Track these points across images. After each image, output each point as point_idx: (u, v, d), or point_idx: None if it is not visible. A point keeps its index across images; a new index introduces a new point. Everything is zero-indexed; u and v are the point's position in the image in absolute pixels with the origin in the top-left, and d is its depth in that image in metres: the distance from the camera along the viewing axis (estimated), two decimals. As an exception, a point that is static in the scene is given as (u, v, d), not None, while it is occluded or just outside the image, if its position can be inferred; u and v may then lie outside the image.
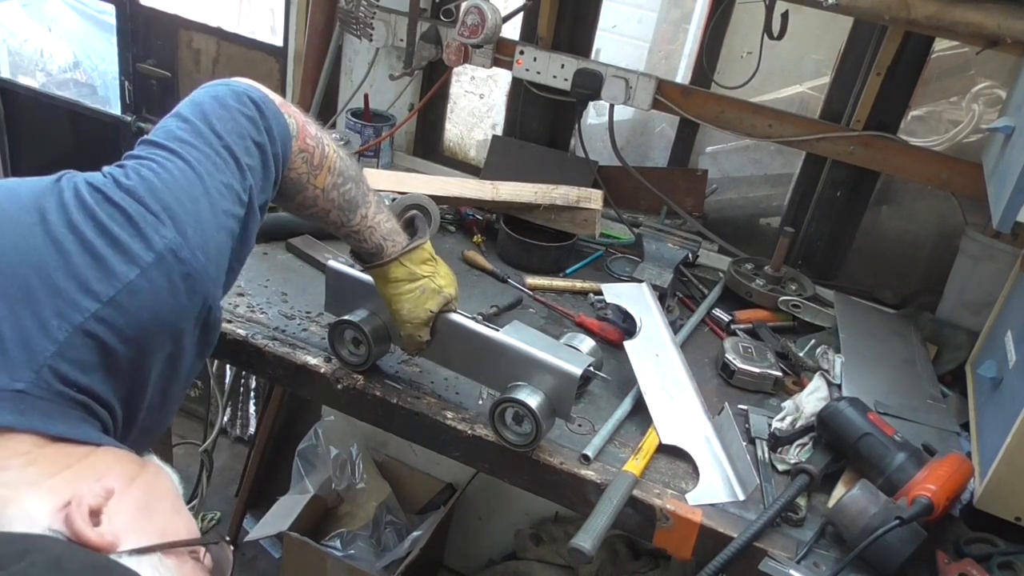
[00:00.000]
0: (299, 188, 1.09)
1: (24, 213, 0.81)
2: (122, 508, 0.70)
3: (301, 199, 1.11)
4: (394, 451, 2.56)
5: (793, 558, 1.17)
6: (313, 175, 1.09)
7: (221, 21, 2.62)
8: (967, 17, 1.46)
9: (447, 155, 2.47)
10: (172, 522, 0.75)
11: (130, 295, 0.80)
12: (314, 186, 1.10)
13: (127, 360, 0.82)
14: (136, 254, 0.81)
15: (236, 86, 0.99)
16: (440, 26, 2.08)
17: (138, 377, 0.85)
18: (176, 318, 0.85)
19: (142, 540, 0.70)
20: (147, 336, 0.83)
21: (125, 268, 0.80)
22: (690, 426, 1.37)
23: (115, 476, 0.73)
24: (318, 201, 1.12)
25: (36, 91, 3.03)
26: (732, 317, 1.74)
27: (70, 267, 0.78)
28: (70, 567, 0.62)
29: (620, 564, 2.23)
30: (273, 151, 0.99)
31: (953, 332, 1.75)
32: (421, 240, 1.25)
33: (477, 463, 1.35)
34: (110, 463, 0.76)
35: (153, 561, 0.70)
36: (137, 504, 0.73)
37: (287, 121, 1.03)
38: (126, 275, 0.80)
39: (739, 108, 1.92)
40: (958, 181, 1.78)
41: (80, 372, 0.78)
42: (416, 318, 1.26)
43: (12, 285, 0.77)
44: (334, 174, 1.12)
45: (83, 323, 0.77)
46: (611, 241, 2.03)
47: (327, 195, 1.13)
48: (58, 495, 0.68)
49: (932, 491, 1.18)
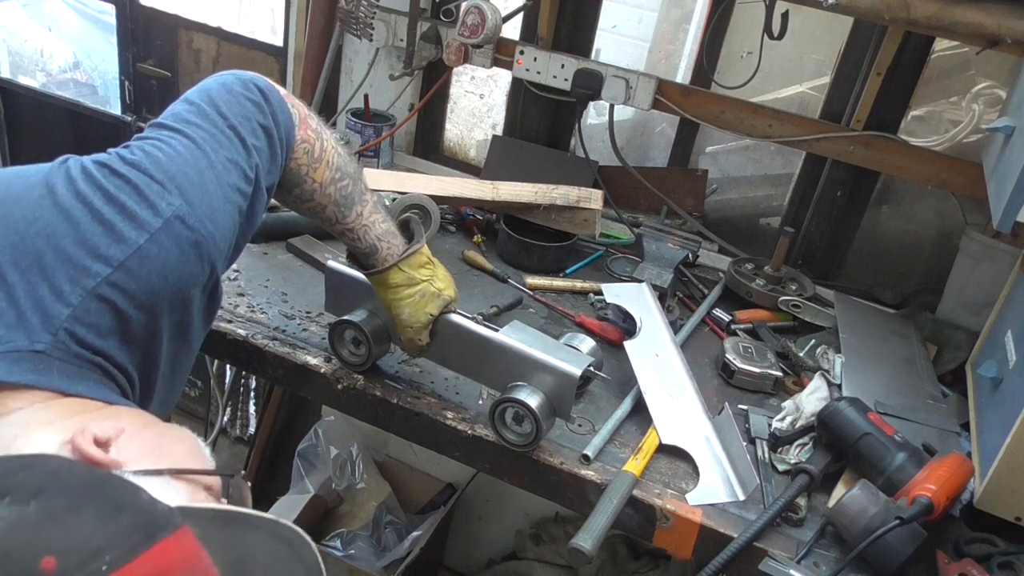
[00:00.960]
0: (298, 180, 1.10)
1: (32, 189, 0.83)
2: (132, 444, 0.71)
3: (299, 192, 1.11)
4: (394, 451, 2.56)
5: (793, 558, 1.17)
6: (313, 167, 1.10)
7: (221, 21, 2.62)
8: (967, 17, 1.46)
9: (447, 155, 2.47)
10: (186, 458, 0.75)
11: (140, 259, 0.82)
12: (313, 179, 1.11)
13: (140, 325, 0.84)
14: (144, 220, 0.83)
15: (242, 74, 1.01)
16: (440, 26, 2.08)
17: (151, 345, 0.87)
18: (185, 284, 0.88)
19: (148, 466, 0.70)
20: (158, 301, 0.85)
21: (134, 234, 0.82)
22: (690, 426, 1.37)
23: (128, 420, 0.74)
24: (315, 195, 1.13)
25: (36, 91, 3.03)
26: (732, 317, 1.74)
27: (80, 234, 0.80)
28: (66, 479, 0.62)
29: (620, 564, 2.23)
30: (279, 135, 1.01)
31: (953, 332, 1.75)
32: (418, 244, 1.24)
33: (477, 463, 1.35)
34: (123, 413, 0.77)
35: (161, 482, 0.69)
36: (149, 443, 0.73)
37: (291, 110, 1.05)
38: (135, 240, 0.82)
39: (739, 108, 1.92)
40: (958, 181, 1.78)
41: (96, 336, 0.80)
42: (416, 322, 1.26)
43: (24, 254, 0.79)
44: (332, 169, 1.13)
45: (95, 287, 0.80)
46: (611, 241, 2.03)
47: (324, 189, 1.13)
48: (68, 432, 0.69)
49: (932, 491, 1.18)
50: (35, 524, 0.57)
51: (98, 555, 0.56)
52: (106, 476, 0.66)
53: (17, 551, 0.55)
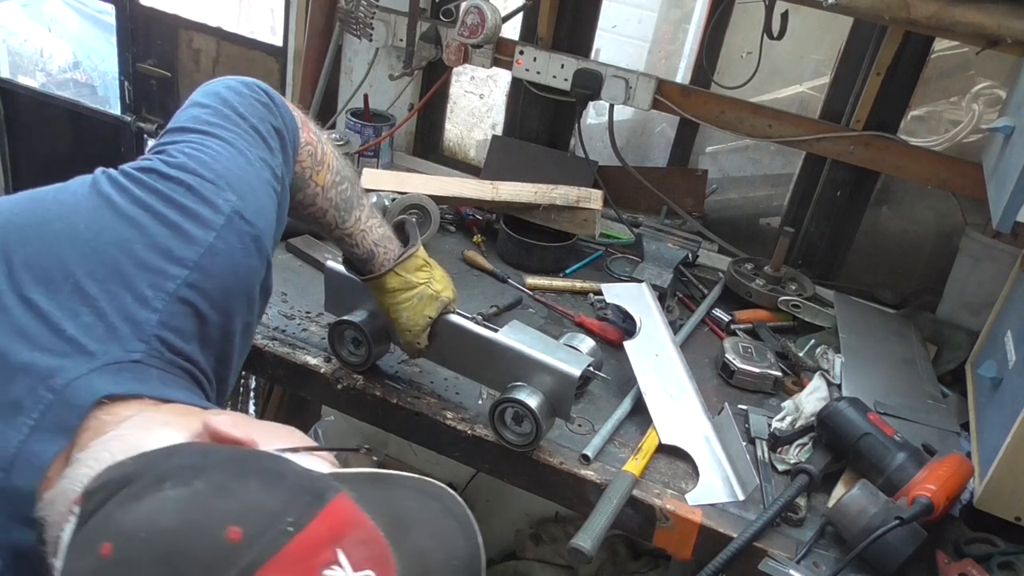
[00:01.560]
0: (301, 184, 1.09)
1: (84, 200, 0.82)
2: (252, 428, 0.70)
3: (301, 196, 1.11)
4: (394, 451, 2.56)
5: (793, 558, 1.17)
6: (315, 171, 1.09)
7: (221, 21, 2.62)
8: (967, 17, 1.46)
9: (447, 155, 2.47)
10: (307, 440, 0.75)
11: (211, 257, 0.82)
12: (315, 183, 1.10)
13: (216, 327, 0.84)
14: (208, 219, 0.83)
15: (243, 79, 1.00)
16: (440, 26, 2.08)
17: (226, 347, 0.87)
18: (251, 279, 0.88)
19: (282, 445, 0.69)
20: (231, 300, 0.85)
21: (201, 233, 0.82)
22: (690, 426, 1.37)
23: (238, 414, 0.74)
24: (317, 199, 1.12)
25: (36, 91, 3.03)
26: (732, 317, 1.74)
27: (150, 239, 0.80)
28: (218, 456, 0.62)
29: (620, 564, 2.23)
30: (288, 137, 1.01)
31: (953, 332, 1.75)
32: (414, 248, 1.24)
33: (477, 463, 1.35)
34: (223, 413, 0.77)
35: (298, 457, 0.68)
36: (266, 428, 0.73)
37: (293, 112, 1.05)
38: (204, 239, 0.82)
39: (739, 108, 1.92)
40: (958, 181, 1.78)
41: (183, 340, 0.80)
42: (415, 325, 1.26)
43: (100, 265, 0.78)
44: (333, 172, 1.12)
45: (176, 290, 0.80)
46: (611, 241, 2.03)
47: (326, 193, 1.12)
48: (190, 428, 0.69)
49: (932, 491, 1.18)
50: (206, 499, 0.57)
51: (278, 518, 0.56)
52: (254, 451, 0.65)
53: (198, 529, 0.55)
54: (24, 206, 0.82)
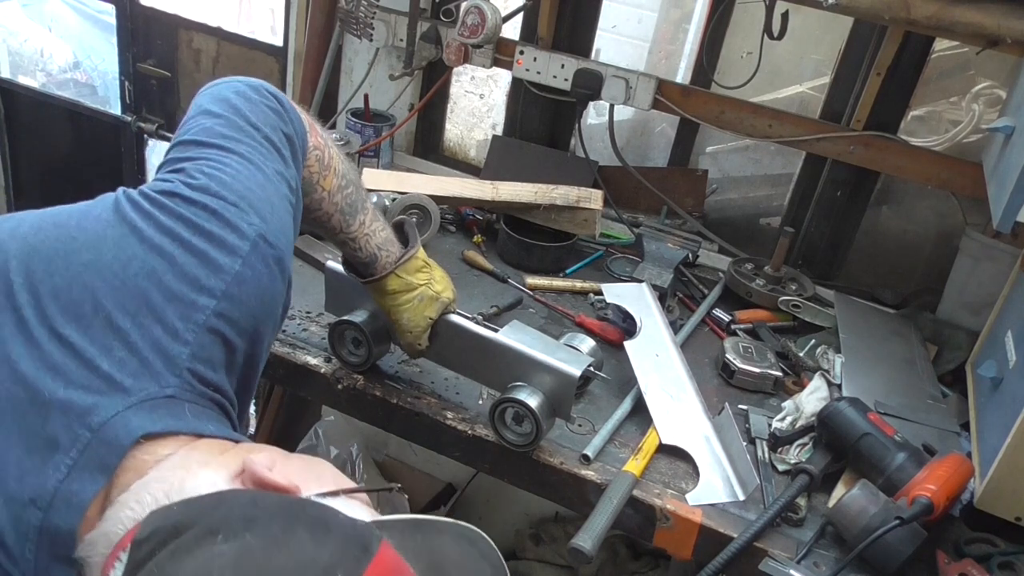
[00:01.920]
0: (308, 189, 1.07)
1: (108, 228, 0.80)
2: (290, 470, 0.70)
3: (308, 201, 1.08)
4: (394, 451, 2.56)
5: (793, 558, 1.17)
6: (322, 176, 1.08)
7: (221, 21, 2.62)
8: (967, 17, 1.46)
9: (447, 155, 2.47)
10: (336, 479, 0.75)
11: (239, 285, 0.82)
12: (321, 188, 1.09)
13: (243, 354, 0.84)
14: (234, 245, 0.82)
15: (251, 81, 0.98)
16: (440, 26, 2.08)
17: (248, 372, 0.87)
18: (276, 302, 0.88)
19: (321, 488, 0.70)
20: (259, 326, 0.85)
21: (228, 260, 0.81)
22: (690, 426, 1.37)
23: (272, 451, 0.74)
24: (323, 204, 1.11)
25: (36, 91, 3.03)
26: (732, 317, 1.74)
27: (178, 269, 0.79)
28: (266, 507, 0.62)
29: (620, 564, 2.23)
30: (299, 143, 1.00)
31: (953, 332, 1.75)
32: (413, 250, 1.23)
33: (477, 463, 1.35)
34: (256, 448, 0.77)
35: (338, 502, 0.69)
36: (302, 467, 0.73)
37: (301, 116, 1.03)
38: (231, 267, 0.81)
39: (739, 108, 1.92)
40: (958, 181, 1.78)
41: (212, 371, 0.80)
42: (416, 327, 1.26)
43: (130, 298, 0.77)
44: (339, 176, 1.11)
45: (206, 321, 0.79)
46: (611, 241, 2.03)
47: (332, 198, 1.11)
48: (229, 468, 0.69)
49: (932, 491, 1.18)
50: (260, 553, 0.57)
51: (330, 572, 0.56)
52: (298, 499, 0.66)
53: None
54: (48, 232, 0.79)
